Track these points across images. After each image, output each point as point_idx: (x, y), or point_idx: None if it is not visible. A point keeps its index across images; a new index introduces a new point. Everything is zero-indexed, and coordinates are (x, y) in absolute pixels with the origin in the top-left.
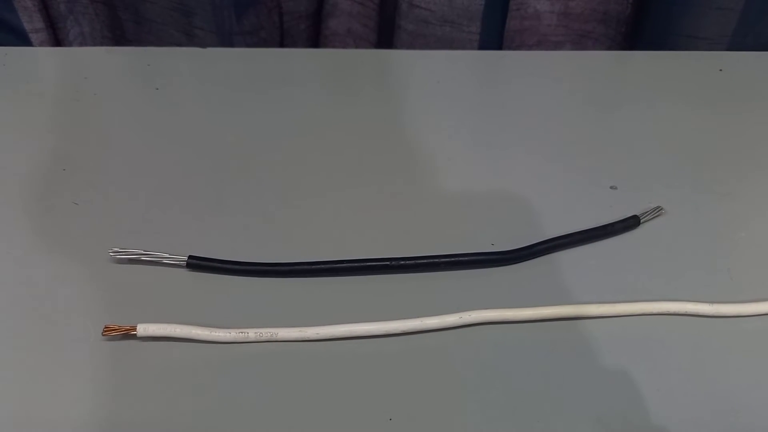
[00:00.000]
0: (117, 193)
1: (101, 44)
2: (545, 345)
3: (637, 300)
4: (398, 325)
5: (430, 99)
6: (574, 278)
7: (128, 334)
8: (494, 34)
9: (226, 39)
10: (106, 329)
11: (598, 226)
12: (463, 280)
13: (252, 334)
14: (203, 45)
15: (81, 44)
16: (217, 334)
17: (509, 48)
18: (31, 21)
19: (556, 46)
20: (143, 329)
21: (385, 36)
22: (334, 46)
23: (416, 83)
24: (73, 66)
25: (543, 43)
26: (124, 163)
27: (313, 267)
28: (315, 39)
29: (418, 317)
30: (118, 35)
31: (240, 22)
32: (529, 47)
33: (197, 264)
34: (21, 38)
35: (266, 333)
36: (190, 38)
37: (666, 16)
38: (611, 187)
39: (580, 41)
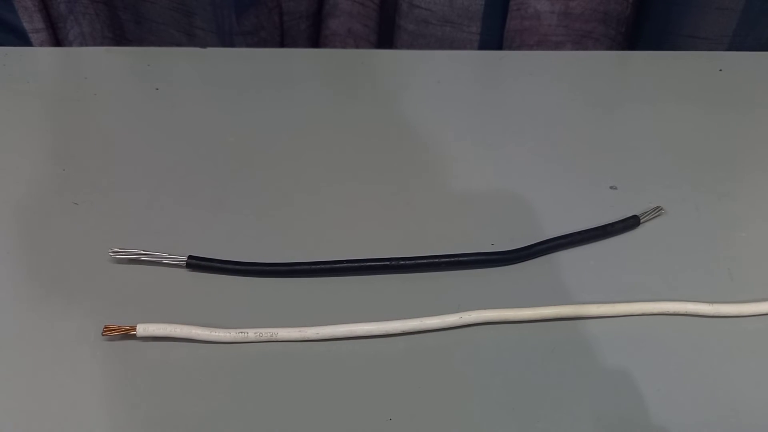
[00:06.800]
0: (117, 193)
1: (101, 44)
2: (545, 345)
3: (637, 300)
4: (398, 325)
5: (430, 99)
6: (573, 278)
7: (128, 334)
8: (494, 34)
9: (226, 39)
10: (106, 329)
11: (598, 226)
12: (463, 280)
13: (252, 334)
14: (203, 45)
15: (81, 44)
16: (217, 334)
17: (509, 48)
18: (31, 21)
19: (557, 46)
20: (143, 329)
21: (385, 36)
22: (334, 46)
23: (416, 83)
24: (73, 66)
25: (543, 43)
26: (124, 163)
27: (313, 267)
28: (315, 39)
29: (418, 317)
30: (118, 35)
31: (240, 22)
32: (530, 47)
33: (197, 264)
34: (21, 38)
35: (266, 333)
36: (190, 38)
37: (666, 16)
38: (611, 187)
39: (581, 41)
